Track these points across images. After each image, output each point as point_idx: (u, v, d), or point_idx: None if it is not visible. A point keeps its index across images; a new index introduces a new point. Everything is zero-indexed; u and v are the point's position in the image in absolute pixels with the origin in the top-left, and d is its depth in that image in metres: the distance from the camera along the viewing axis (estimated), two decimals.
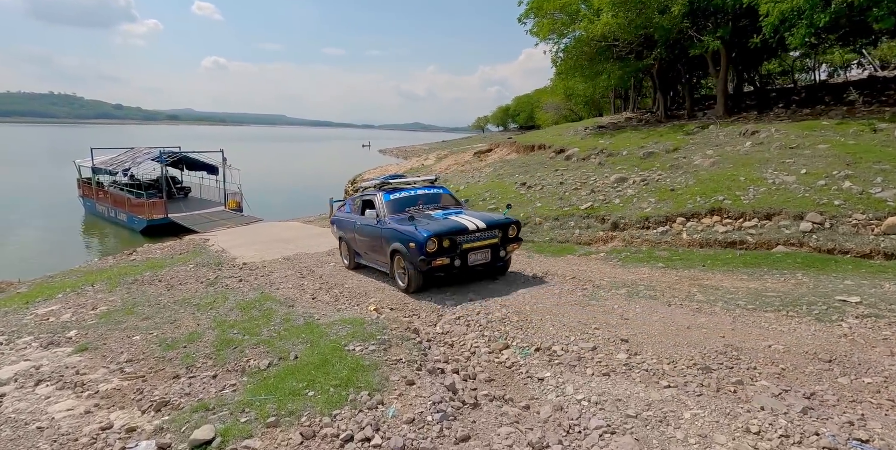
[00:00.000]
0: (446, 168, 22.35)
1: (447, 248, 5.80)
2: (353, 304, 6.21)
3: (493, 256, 6.19)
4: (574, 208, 10.36)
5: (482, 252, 6.07)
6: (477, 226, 6.01)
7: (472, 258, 6.02)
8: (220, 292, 7.07)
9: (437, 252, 5.73)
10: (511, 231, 6.38)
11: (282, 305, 5.98)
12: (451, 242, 5.83)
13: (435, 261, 5.72)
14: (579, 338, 4.40)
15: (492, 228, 6.13)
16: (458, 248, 5.88)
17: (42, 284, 10.26)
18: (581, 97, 42.09)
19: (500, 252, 6.26)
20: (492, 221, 6.20)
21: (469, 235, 5.97)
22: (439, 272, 6.01)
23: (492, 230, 6.12)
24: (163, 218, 16.86)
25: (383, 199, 6.90)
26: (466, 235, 5.96)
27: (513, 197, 12.46)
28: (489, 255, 6.13)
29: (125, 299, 7.25)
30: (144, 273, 9.34)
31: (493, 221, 6.25)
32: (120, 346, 4.99)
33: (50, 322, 6.38)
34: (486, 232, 6.07)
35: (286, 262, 9.57)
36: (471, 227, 5.98)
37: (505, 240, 6.30)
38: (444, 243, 5.78)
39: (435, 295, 6.26)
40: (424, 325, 5.20)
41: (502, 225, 6.29)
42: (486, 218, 6.34)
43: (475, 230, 5.99)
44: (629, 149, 14.29)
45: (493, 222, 6.19)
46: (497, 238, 6.19)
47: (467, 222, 6.06)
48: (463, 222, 6.05)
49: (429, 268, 5.78)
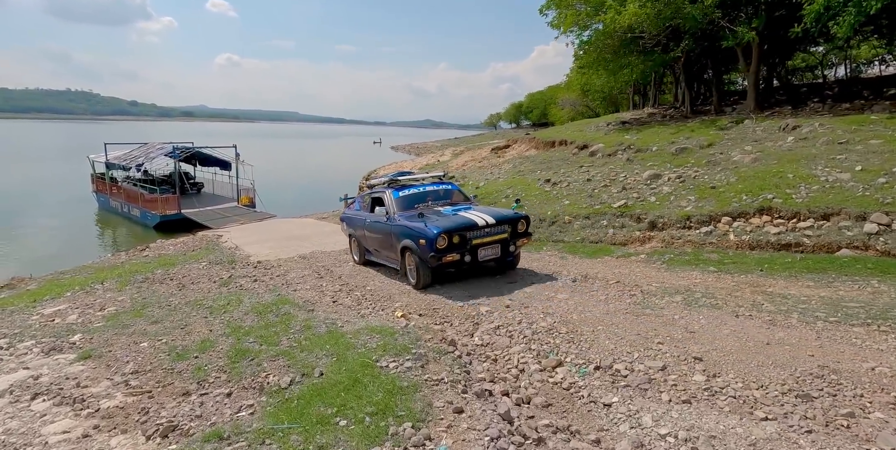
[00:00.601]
0: (463, 164, 21.77)
1: (457, 244, 5.80)
2: (378, 308, 5.71)
3: (503, 251, 6.17)
4: (606, 206, 9.74)
5: (492, 247, 6.05)
6: (486, 221, 5.99)
7: (483, 254, 5.99)
8: (234, 293, 6.61)
9: (448, 248, 5.72)
10: (520, 226, 6.34)
11: (301, 310, 5.49)
12: (461, 237, 5.82)
13: (445, 257, 5.71)
14: (643, 355, 3.83)
15: (501, 223, 6.11)
16: (468, 243, 5.88)
17: (52, 281, 9.96)
18: (598, 93, 41.17)
19: (510, 247, 6.23)
20: (501, 217, 6.19)
21: (479, 230, 5.95)
22: (450, 268, 6.04)
23: (501, 225, 6.11)
24: (176, 213, 16.57)
25: (392, 196, 6.89)
26: (476, 231, 5.93)
27: (537, 194, 11.88)
28: (499, 250, 6.11)
29: (134, 299, 6.83)
30: (156, 271, 8.95)
31: (503, 216, 6.23)
32: (126, 354, 4.54)
33: (55, 324, 5.97)
34: (495, 227, 6.04)
35: (302, 260, 9.11)
36: (480, 222, 5.95)
37: (514, 235, 6.27)
38: (455, 239, 5.77)
39: (465, 299, 5.73)
40: (460, 335, 4.66)
41: (511, 220, 6.25)
42: (496, 213, 6.31)
43: (485, 226, 5.97)
44: (658, 144, 13.59)
45: (502, 218, 6.17)
46: (507, 233, 6.16)
47: (476, 218, 6.03)
48: (472, 218, 6.02)
49: (439, 264, 5.78)
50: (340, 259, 8.85)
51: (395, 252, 6.50)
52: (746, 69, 18.19)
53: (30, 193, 24.75)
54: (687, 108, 20.28)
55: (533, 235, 7.18)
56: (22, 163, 39.78)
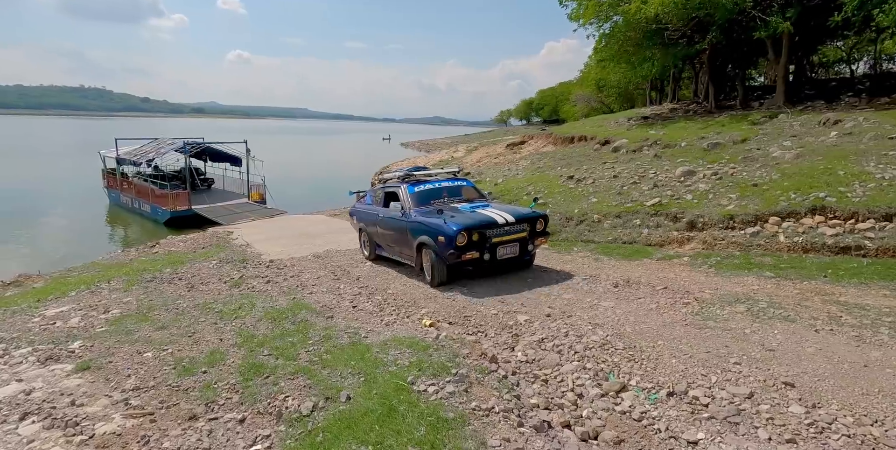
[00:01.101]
0: (478, 160, 21.21)
1: (477, 241, 5.72)
2: (402, 315, 5.21)
3: (522, 249, 6.09)
4: (638, 205, 9.15)
5: (511, 246, 5.97)
6: (506, 220, 5.92)
7: (501, 252, 5.91)
8: (245, 296, 6.15)
9: (467, 246, 5.63)
10: (539, 225, 6.29)
11: (319, 316, 5.01)
12: (480, 235, 5.74)
13: (465, 255, 5.60)
14: (722, 378, 3.28)
15: (520, 221, 6.04)
16: (487, 241, 5.79)
17: (59, 278, 9.62)
18: (614, 88, 40.31)
19: (528, 246, 6.16)
20: (520, 215, 6.13)
21: (499, 228, 5.87)
22: (468, 266, 5.98)
23: (520, 224, 6.04)
24: (186, 209, 16.26)
25: (408, 191, 6.78)
26: (496, 229, 5.86)
27: (560, 191, 11.30)
28: (517, 249, 6.03)
29: (140, 301, 6.40)
30: (164, 270, 8.53)
31: (522, 214, 6.17)
32: (128, 365, 4.08)
33: (55, 328, 5.54)
34: (515, 226, 5.98)
35: (316, 260, 8.64)
36: (500, 220, 5.89)
37: (532, 234, 6.20)
38: (474, 237, 5.69)
39: (499, 306, 5.21)
40: (498, 348, 4.15)
41: (530, 219, 6.20)
42: (515, 212, 6.26)
43: (504, 224, 5.90)
44: (687, 140, 12.93)
45: (521, 216, 6.11)
46: (525, 232, 6.10)
47: (497, 216, 5.95)
48: (492, 216, 5.95)
49: (457, 261, 5.68)
50: (356, 259, 8.37)
51: (411, 248, 6.37)
52: (775, 62, 17.40)
53: (43, 188, 24.67)
54: (711, 103, 19.50)
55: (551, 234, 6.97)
56: (37, 158, 39.93)
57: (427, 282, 6.21)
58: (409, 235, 6.35)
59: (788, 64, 17.25)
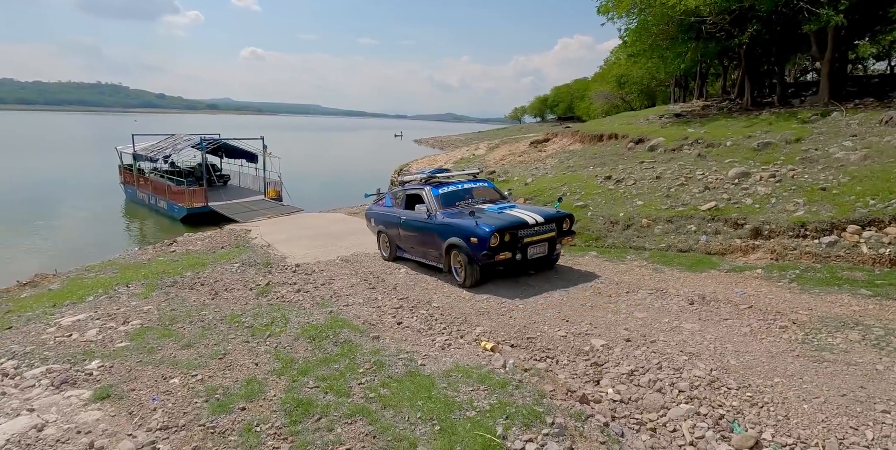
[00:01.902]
0: (501, 158, 20.54)
1: (509, 242, 5.77)
2: (455, 334, 4.63)
3: (550, 249, 6.20)
4: (691, 208, 8.46)
5: (540, 246, 6.05)
6: (536, 220, 6.02)
7: (532, 252, 5.98)
8: (276, 308, 5.62)
9: (500, 247, 5.68)
10: (565, 225, 6.43)
11: (363, 336, 4.45)
12: (512, 236, 5.80)
13: (498, 255, 5.64)
14: (879, 434, 2.65)
15: (549, 221, 6.15)
16: (519, 242, 5.85)
17: (75, 279, 9.23)
18: (636, 85, 39.26)
19: (556, 245, 6.28)
20: (549, 215, 6.24)
21: (529, 229, 5.96)
22: (499, 266, 6.00)
23: (549, 224, 6.15)
24: (203, 206, 15.96)
25: (432, 193, 6.83)
26: (527, 230, 5.94)
27: (600, 193, 10.63)
28: (546, 248, 6.13)
29: (162, 311, 5.91)
30: (185, 273, 8.06)
31: (550, 214, 6.28)
32: (153, 394, 3.56)
33: (71, 341, 5.07)
34: (544, 226, 6.08)
35: (345, 264, 8.11)
36: (530, 221, 5.98)
37: (559, 233, 6.31)
38: (506, 238, 5.74)
39: (564, 325, 4.61)
40: (579, 380, 3.55)
41: (558, 219, 6.32)
42: (543, 212, 6.36)
43: (535, 224, 5.99)
44: (733, 139, 12.16)
45: (549, 216, 6.22)
46: (554, 232, 6.20)
47: (526, 217, 6.05)
48: (522, 217, 6.04)
49: (490, 262, 5.72)
50: (388, 265, 7.82)
51: (438, 250, 6.43)
52: (819, 57, 16.45)
53: (61, 183, 24.59)
54: (746, 100, 18.59)
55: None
56: (55, 153, 40.13)
57: (459, 284, 6.20)
58: (437, 237, 6.40)
59: (834, 59, 16.30)
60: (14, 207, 18.66)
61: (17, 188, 22.69)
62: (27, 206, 19.02)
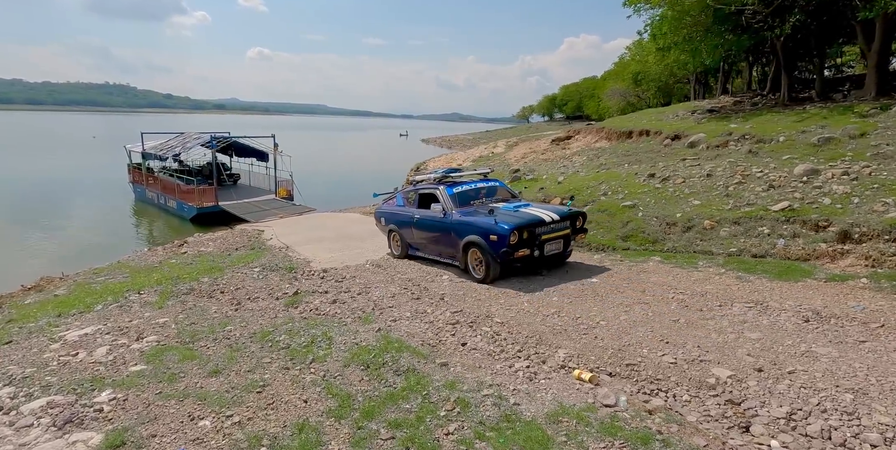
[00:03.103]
0: (522, 156, 19.73)
1: (526, 239, 5.92)
2: (535, 358, 3.85)
3: (565, 246, 6.40)
4: (759, 209, 7.62)
5: (556, 243, 6.24)
6: (552, 218, 6.19)
7: (549, 248, 6.16)
8: (312, 323, 4.86)
9: (519, 244, 5.84)
10: (578, 222, 6.62)
11: (426, 362, 3.68)
12: (530, 233, 5.96)
13: (517, 252, 5.80)
14: None
15: (563, 219, 6.31)
16: (536, 239, 6.02)
17: (83, 284, 8.57)
18: (654, 82, 38.24)
19: (570, 242, 6.48)
20: (563, 213, 6.40)
21: (546, 226, 6.13)
22: (517, 263, 6.13)
23: (564, 221, 6.33)
24: (213, 206, 15.38)
25: (447, 192, 6.95)
26: (544, 227, 6.11)
27: (646, 192, 9.81)
28: (561, 245, 6.34)
29: (180, 324, 5.18)
30: (201, 279, 7.35)
31: (564, 212, 6.44)
32: (180, 445, 2.82)
33: (78, 363, 4.34)
34: (560, 223, 6.26)
35: (378, 270, 7.36)
36: (547, 219, 6.16)
37: (573, 230, 6.50)
38: (525, 235, 5.90)
39: (666, 348, 3.82)
40: (719, 425, 2.76)
41: (572, 216, 6.49)
42: (557, 210, 6.53)
43: (551, 222, 6.17)
44: (785, 134, 11.29)
45: (564, 214, 6.38)
46: (569, 229, 6.39)
47: (543, 215, 6.21)
48: (539, 215, 6.21)
49: (509, 259, 5.85)
50: (427, 270, 7.05)
51: (455, 248, 6.57)
52: (867, 49, 15.51)
53: (68, 184, 24.08)
54: (783, 95, 17.66)
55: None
56: (65, 152, 39.78)
57: (476, 280, 6.27)
58: (454, 235, 6.53)
59: (881, 51, 15.35)
60: (22, 207, 18.21)
61: (26, 187, 22.22)
62: (35, 205, 18.55)
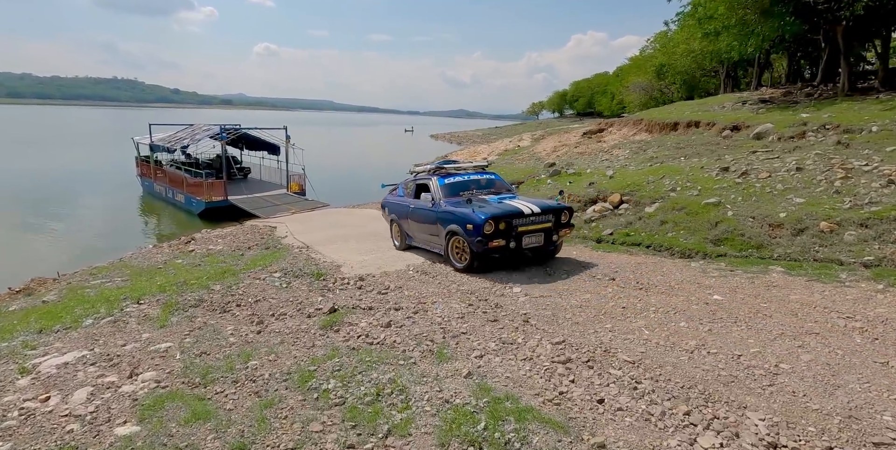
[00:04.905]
0: (553, 150, 18.34)
1: (503, 230, 5.90)
2: (719, 426, 2.54)
3: (546, 240, 6.27)
4: (891, 209, 6.26)
5: (536, 236, 6.16)
6: (532, 210, 6.11)
7: (527, 241, 6.10)
8: (367, 359, 3.56)
9: (494, 234, 5.83)
10: (563, 217, 6.45)
11: (569, 439, 2.38)
12: (506, 224, 5.93)
13: (491, 242, 5.79)
14: None
15: (546, 212, 6.22)
16: (513, 230, 5.98)
17: (76, 288, 7.42)
18: (679, 75, 36.50)
19: (553, 237, 6.33)
20: (546, 207, 6.31)
21: (524, 218, 6.07)
22: (494, 253, 6.08)
23: (546, 215, 6.22)
24: (222, 200, 14.37)
25: (438, 183, 7.01)
26: (521, 219, 6.05)
27: (725, 187, 8.44)
28: (542, 239, 6.22)
29: (187, 354, 3.91)
30: (212, 286, 6.09)
31: (547, 206, 6.36)
32: None
33: (46, 414, 3.08)
34: (539, 216, 6.16)
35: (426, 278, 6.08)
36: (526, 211, 6.09)
37: (557, 225, 6.36)
38: (501, 226, 5.88)
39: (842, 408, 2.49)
40: None
41: (556, 210, 6.36)
42: (541, 203, 6.44)
43: (530, 214, 6.10)
44: (878, 124, 9.88)
45: (546, 207, 6.29)
46: (550, 223, 6.28)
47: (522, 206, 6.17)
48: (518, 206, 6.17)
49: (485, 249, 5.85)
50: (489, 280, 5.75)
51: (440, 237, 6.61)
52: None
53: (75, 177, 23.08)
54: (844, 84, 16.18)
55: (575, 226, 7.02)
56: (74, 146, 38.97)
57: (457, 268, 6.28)
58: (440, 225, 6.54)
59: None
60: (26, 200, 17.15)
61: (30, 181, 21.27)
62: (39, 198, 17.48)
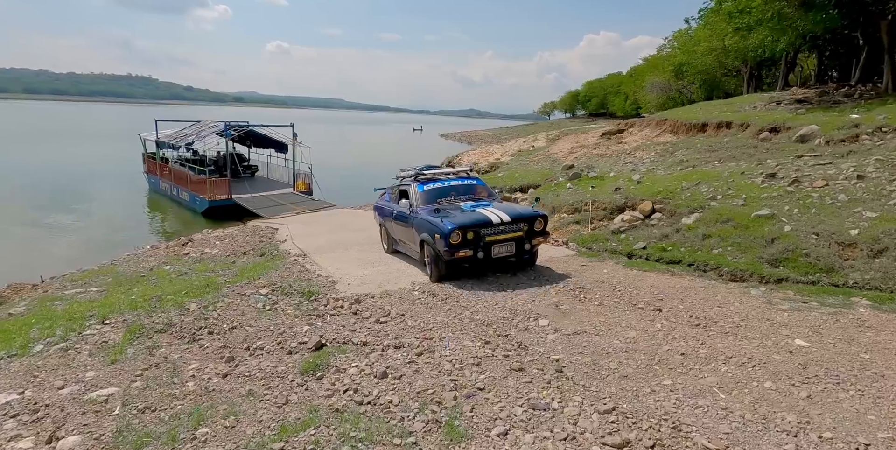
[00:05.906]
0: (570, 151, 17.33)
1: (471, 240, 5.75)
2: None
3: (518, 249, 6.08)
4: None
5: (506, 245, 6.00)
6: (501, 219, 5.94)
7: (496, 250, 5.95)
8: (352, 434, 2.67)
9: (461, 244, 5.69)
10: (538, 225, 6.20)
11: None
12: (474, 234, 5.77)
13: (458, 252, 5.66)
14: None
15: (517, 221, 6.03)
16: (481, 240, 5.83)
17: (48, 298, 6.74)
18: (699, 74, 35.15)
19: (525, 246, 6.11)
20: (517, 215, 6.13)
21: (493, 228, 5.90)
22: (464, 263, 5.97)
23: (517, 224, 6.03)
24: (226, 199, 13.81)
25: (417, 189, 6.90)
26: (490, 228, 5.89)
27: (776, 197, 7.42)
28: (514, 248, 6.04)
29: (127, 410, 3.05)
30: (188, 304, 5.25)
31: (519, 214, 6.18)
32: None
33: None
34: (510, 225, 5.98)
35: (433, 301, 5.20)
36: (495, 220, 5.92)
37: (531, 233, 6.14)
38: (469, 235, 5.73)
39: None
40: None
41: (528, 218, 6.14)
42: (512, 211, 6.25)
43: (499, 223, 5.92)
44: None
45: (518, 216, 6.12)
46: (522, 231, 6.07)
47: (492, 215, 5.99)
48: (487, 215, 6.00)
49: (452, 259, 5.72)
50: (509, 309, 4.83)
51: (416, 244, 6.46)
52: None
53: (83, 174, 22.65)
54: (887, 83, 14.99)
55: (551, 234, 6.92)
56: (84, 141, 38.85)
57: (429, 277, 6.11)
58: (415, 232, 6.44)
59: None
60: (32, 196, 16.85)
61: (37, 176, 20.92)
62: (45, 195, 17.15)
